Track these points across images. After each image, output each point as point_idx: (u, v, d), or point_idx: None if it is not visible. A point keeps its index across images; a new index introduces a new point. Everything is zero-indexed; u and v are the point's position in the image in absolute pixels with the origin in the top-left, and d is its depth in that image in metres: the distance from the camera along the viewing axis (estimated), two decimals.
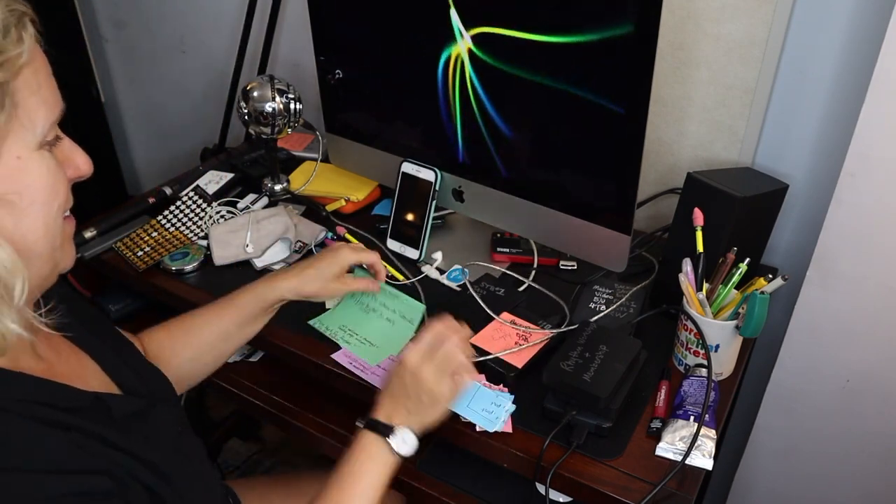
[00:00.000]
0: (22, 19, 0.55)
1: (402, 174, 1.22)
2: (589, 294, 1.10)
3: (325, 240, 1.25)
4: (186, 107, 1.98)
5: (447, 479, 1.00)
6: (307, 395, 1.12)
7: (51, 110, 0.58)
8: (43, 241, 0.58)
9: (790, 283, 0.94)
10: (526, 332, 1.01)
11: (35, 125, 0.56)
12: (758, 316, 0.89)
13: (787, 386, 1.14)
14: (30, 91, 0.55)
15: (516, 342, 0.99)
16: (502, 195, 1.14)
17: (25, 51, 0.54)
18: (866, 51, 0.96)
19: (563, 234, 1.10)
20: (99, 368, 0.71)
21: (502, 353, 0.97)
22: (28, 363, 0.61)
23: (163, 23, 1.84)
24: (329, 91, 1.29)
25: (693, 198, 1.01)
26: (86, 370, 0.70)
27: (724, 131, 1.16)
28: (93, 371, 0.70)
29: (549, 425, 0.88)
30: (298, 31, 1.61)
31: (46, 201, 0.58)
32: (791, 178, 1.10)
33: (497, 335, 1.01)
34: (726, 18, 1.07)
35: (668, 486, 0.83)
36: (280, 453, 1.79)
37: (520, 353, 0.98)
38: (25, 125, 0.55)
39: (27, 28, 0.55)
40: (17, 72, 0.54)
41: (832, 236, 0.99)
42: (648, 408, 0.93)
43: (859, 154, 0.92)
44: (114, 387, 0.71)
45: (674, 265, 0.98)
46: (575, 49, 0.95)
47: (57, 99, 0.59)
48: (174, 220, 1.29)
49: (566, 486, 0.87)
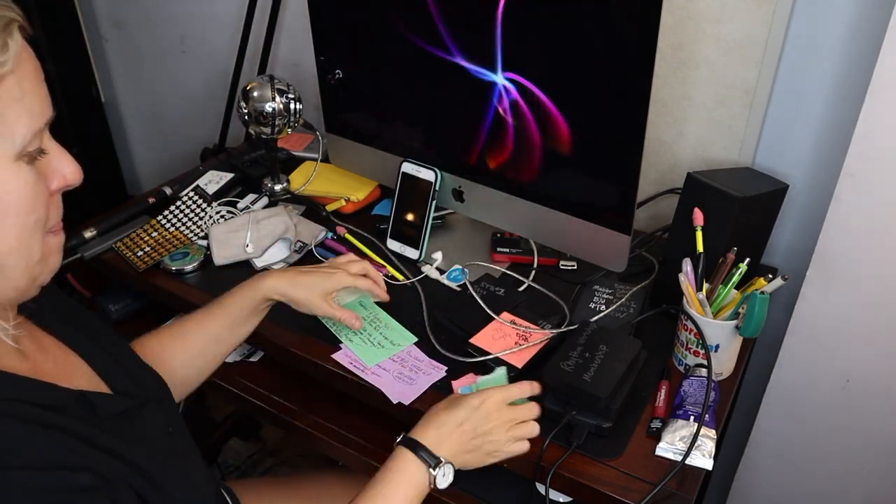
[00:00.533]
0: (9, 26, 0.53)
1: (402, 174, 1.22)
2: (589, 294, 1.10)
3: (325, 240, 1.25)
4: (186, 107, 1.98)
5: None
6: (307, 395, 1.12)
7: (35, 120, 0.55)
8: (16, 255, 0.56)
9: (790, 283, 0.94)
10: (526, 332, 1.01)
11: (14, 135, 0.54)
12: (758, 316, 0.89)
13: (787, 386, 1.14)
14: (11, 100, 0.53)
15: (516, 342, 0.99)
16: (502, 195, 1.14)
17: (10, 59, 0.52)
18: (866, 50, 0.96)
19: (563, 234, 1.10)
20: (88, 367, 0.71)
21: (502, 353, 0.97)
22: (11, 362, 0.60)
23: (163, 23, 1.84)
24: (329, 91, 1.29)
25: (693, 198, 1.01)
26: (73, 369, 0.69)
27: (724, 131, 1.16)
28: (81, 370, 0.70)
29: (549, 425, 0.88)
30: (298, 31, 1.61)
31: (20, 214, 0.55)
32: (791, 178, 1.10)
33: (497, 335, 1.01)
34: (726, 18, 1.07)
35: (668, 486, 0.83)
36: (280, 453, 1.79)
37: (520, 352, 0.98)
38: (3, 135, 0.53)
39: (13, 35, 0.53)
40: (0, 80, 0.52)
41: (832, 236, 0.99)
42: (648, 408, 0.93)
43: (859, 154, 0.92)
44: (103, 386, 0.71)
45: (674, 265, 0.98)
46: (575, 49, 0.95)
47: (44, 107, 0.57)
48: (174, 220, 1.29)
49: (566, 486, 0.87)
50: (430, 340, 1.03)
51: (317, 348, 1.04)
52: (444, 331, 1.04)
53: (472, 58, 1.05)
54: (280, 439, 1.81)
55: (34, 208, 0.57)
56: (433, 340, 1.03)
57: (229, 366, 1.16)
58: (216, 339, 0.95)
